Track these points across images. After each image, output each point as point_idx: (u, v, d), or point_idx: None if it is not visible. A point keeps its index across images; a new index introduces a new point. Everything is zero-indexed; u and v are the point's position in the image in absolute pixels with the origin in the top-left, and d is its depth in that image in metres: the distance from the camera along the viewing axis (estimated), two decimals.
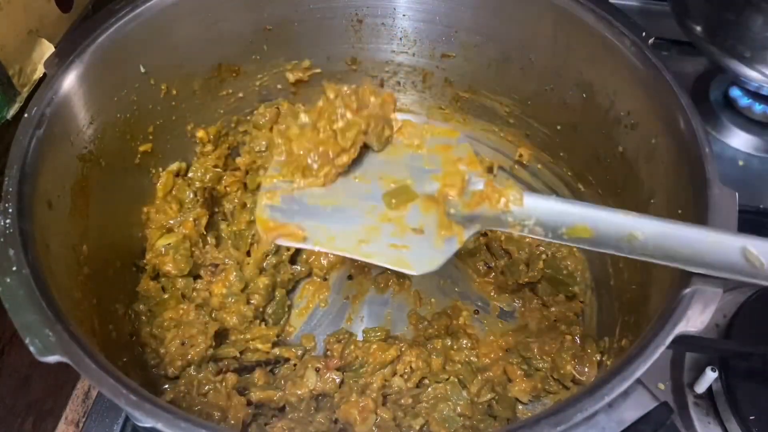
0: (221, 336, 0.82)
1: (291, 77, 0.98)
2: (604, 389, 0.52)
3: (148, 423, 0.50)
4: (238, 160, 0.97)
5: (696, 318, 0.55)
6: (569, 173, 0.92)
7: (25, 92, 0.76)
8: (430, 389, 0.79)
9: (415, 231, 0.64)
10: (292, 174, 0.67)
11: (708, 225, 0.60)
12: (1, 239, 0.58)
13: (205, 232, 0.89)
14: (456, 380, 0.80)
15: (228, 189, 0.96)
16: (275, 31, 0.92)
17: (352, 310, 0.92)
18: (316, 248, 0.63)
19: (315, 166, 0.66)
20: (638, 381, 0.54)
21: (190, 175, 0.93)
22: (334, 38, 0.96)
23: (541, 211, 0.62)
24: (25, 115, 0.67)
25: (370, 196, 0.67)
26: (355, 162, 0.69)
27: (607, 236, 0.59)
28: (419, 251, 0.63)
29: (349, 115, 0.66)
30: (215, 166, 0.94)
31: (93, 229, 0.75)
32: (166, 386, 0.76)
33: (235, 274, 0.87)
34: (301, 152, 0.66)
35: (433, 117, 1.05)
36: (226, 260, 0.89)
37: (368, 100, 0.69)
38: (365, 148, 0.70)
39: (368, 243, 0.63)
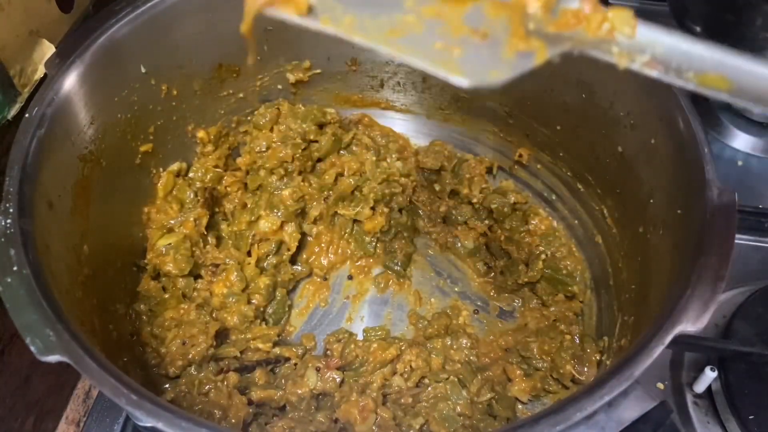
0: (222, 336, 0.82)
1: (291, 78, 0.98)
2: (603, 389, 0.52)
3: (148, 422, 0.50)
4: (239, 160, 0.97)
5: (695, 318, 0.55)
6: (569, 173, 0.92)
7: (25, 92, 0.76)
8: (430, 389, 0.79)
9: (474, 33, 0.46)
10: None
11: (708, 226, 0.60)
12: (2, 239, 0.58)
13: (205, 232, 0.90)
14: (456, 380, 0.80)
15: (228, 189, 0.96)
16: (275, 32, 0.92)
17: (352, 310, 0.92)
18: (324, 28, 0.47)
19: None
20: (637, 381, 0.54)
21: (190, 175, 0.93)
22: (334, 38, 0.95)
23: (660, 47, 0.47)
24: (26, 115, 0.68)
25: None
26: None
27: (749, 90, 0.46)
28: (477, 57, 0.46)
29: None
30: (216, 167, 0.94)
31: (94, 229, 0.75)
32: (167, 386, 0.77)
33: (235, 274, 0.87)
34: None
35: (433, 117, 1.05)
36: (227, 260, 0.89)
37: None
38: None
39: (404, 35, 0.47)
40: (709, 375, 0.77)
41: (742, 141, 1.10)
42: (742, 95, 0.47)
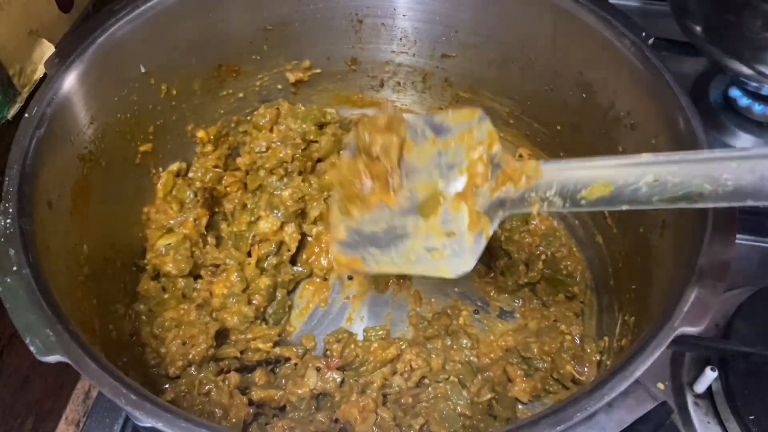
0: (222, 336, 0.82)
1: (291, 77, 0.98)
2: (603, 389, 0.52)
3: (148, 423, 0.50)
4: (239, 160, 0.97)
5: (696, 318, 0.55)
6: None
7: (25, 92, 0.76)
8: (430, 389, 0.79)
9: (448, 235, 0.66)
10: (348, 206, 0.70)
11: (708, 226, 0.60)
12: (2, 239, 0.58)
13: (205, 233, 0.90)
14: (456, 380, 0.80)
15: (228, 189, 0.96)
16: (275, 31, 0.92)
17: (352, 310, 0.92)
18: (378, 271, 0.70)
19: (367, 192, 0.69)
20: (638, 381, 0.54)
21: (190, 175, 0.93)
22: (334, 38, 0.96)
23: (559, 176, 0.61)
24: (26, 115, 0.68)
25: (411, 210, 0.68)
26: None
27: (626, 185, 0.56)
28: (453, 254, 0.66)
29: (381, 138, 0.68)
30: (215, 167, 0.94)
31: (93, 229, 0.75)
32: (167, 386, 0.76)
33: (235, 274, 0.87)
34: (354, 183, 0.69)
35: None
36: (227, 260, 0.89)
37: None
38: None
39: (416, 257, 0.67)
40: (710, 375, 0.77)
41: (742, 141, 1.10)
42: (622, 196, 0.56)
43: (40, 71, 0.77)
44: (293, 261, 0.94)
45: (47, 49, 0.78)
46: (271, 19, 0.91)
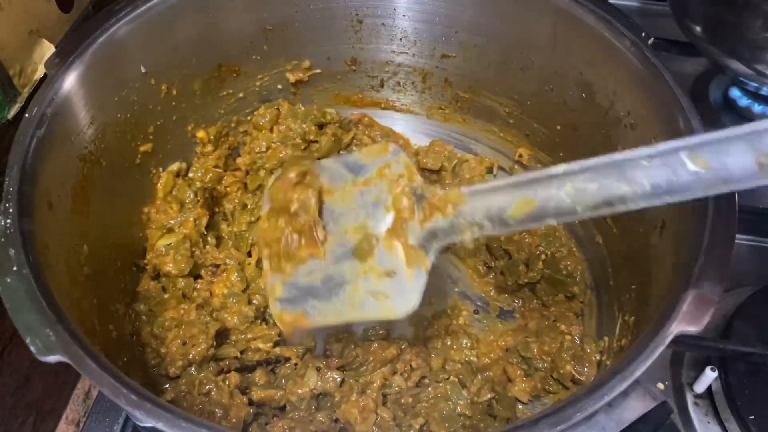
0: (222, 336, 0.82)
1: (291, 77, 0.98)
2: (603, 389, 0.52)
3: (148, 423, 0.50)
4: (239, 160, 0.97)
5: (696, 318, 0.55)
6: None
7: (25, 92, 0.76)
8: (430, 389, 0.79)
9: (388, 274, 0.66)
10: (280, 263, 0.70)
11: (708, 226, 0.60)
12: (2, 239, 0.58)
13: (205, 233, 0.90)
14: (456, 380, 0.80)
15: (228, 189, 0.96)
16: (275, 32, 0.92)
17: None
18: (325, 324, 0.69)
19: (294, 248, 0.69)
20: (638, 381, 0.54)
21: (190, 175, 0.93)
22: (334, 38, 0.96)
23: (484, 198, 0.61)
24: (26, 115, 0.68)
25: (345, 255, 0.68)
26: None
27: (548, 198, 0.56)
28: (397, 294, 0.65)
29: (296, 195, 0.69)
30: (216, 167, 0.94)
31: (93, 229, 0.75)
32: (167, 386, 0.76)
33: (236, 274, 0.87)
34: (278, 240, 0.70)
35: (433, 117, 1.05)
36: (227, 261, 0.89)
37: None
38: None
39: (360, 302, 0.67)
40: (709, 375, 0.77)
41: None
42: (548, 209, 0.57)
43: (41, 71, 0.77)
44: None
45: (47, 49, 0.78)
46: (271, 19, 0.91)
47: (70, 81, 0.72)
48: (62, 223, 0.70)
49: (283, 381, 0.81)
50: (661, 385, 0.83)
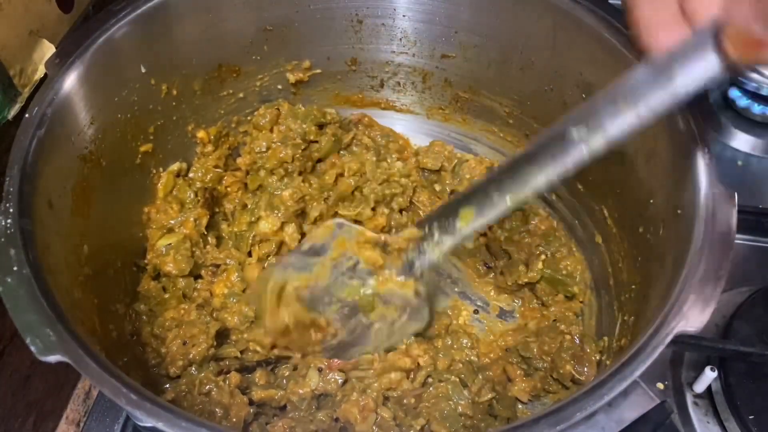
0: (222, 336, 0.82)
1: (291, 78, 0.98)
2: (603, 389, 0.52)
3: (148, 422, 0.50)
4: (239, 160, 0.97)
5: (695, 318, 0.55)
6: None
7: (26, 92, 0.76)
8: (431, 389, 0.79)
9: (403, 307, 0.80)
10: (306, 348, 0.82)
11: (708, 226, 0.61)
12: (2, 239, 0.58)
13: (205, 232, 0.90)
14: (457, 380, 0.80)
15: (229, 189, 0.96)
16: (275, 32, 0.92)
17: None
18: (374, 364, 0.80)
19: (309, 342, 0.82)
20: (637, 380, 0.54)
21: (190, 175, 0.93)
22: (334, 38, 0.96)
23: (433, 222, 0.74)
24: (26, 115, 0.68)
25: (353, 311, 0.81)
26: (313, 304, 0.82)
27: (485, 199, 0.68)
28: (412, 318, 0.81)
29: (285, 316, 0.81)
30: (216, 167, 0.94)
31: (94, 229, 0.75)
32: (167, 386, 0.76)
33: (236, 274, 0.87)
34: (295, 344, 0.82)
35: (433, 117, 1.05)
36: (228, 261, 0.89)
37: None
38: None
39: (387, 334, 0.81)
40: (709, 375, 0.77)
41: (742, 141, 1.10)
42: (483, 212, 0.69)
43: (41, 71, 0.77)
44: None
45: (48, 49, 0.78)
46: (271, 20, 0.91)
47: (70, 81, 0.72)
48: (62, 223, 0.70)
49: (284, 381, 0.81)
50: (660, 385, 0.83)
